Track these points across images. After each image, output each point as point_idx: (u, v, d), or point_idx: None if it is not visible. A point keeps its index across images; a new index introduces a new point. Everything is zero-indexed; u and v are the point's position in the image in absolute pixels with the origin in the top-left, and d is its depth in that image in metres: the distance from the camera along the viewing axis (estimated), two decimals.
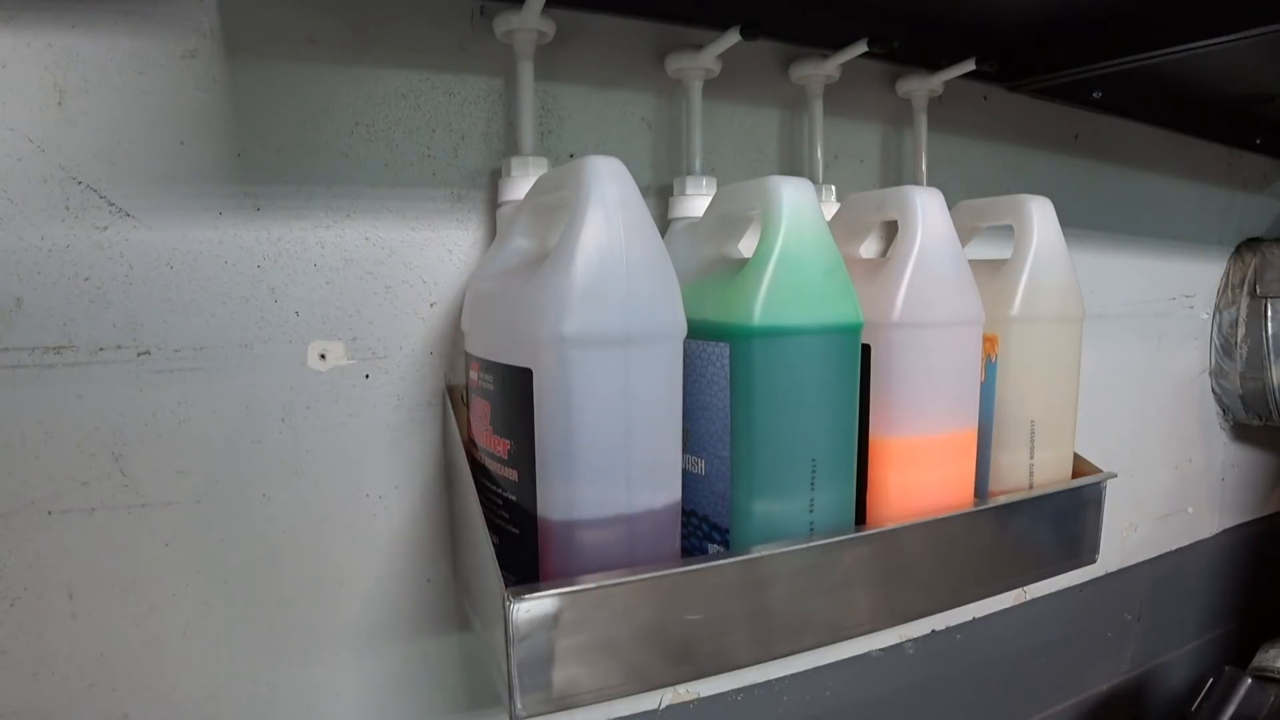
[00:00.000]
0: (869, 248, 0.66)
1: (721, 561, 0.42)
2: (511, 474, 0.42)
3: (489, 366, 0.43)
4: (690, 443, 0.47)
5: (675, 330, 0.41)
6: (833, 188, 0.63)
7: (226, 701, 0.50)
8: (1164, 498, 1.04)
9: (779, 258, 0.43)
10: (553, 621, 0.37)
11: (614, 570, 0.39)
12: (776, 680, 0.72)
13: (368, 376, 0.52)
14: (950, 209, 0.50)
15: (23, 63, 0.43)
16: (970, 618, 0.85)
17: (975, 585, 0.54)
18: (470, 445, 0.47)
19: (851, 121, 0.69)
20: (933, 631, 0.82)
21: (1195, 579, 1.12)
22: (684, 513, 0.45)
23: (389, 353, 0.52)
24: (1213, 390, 1.08)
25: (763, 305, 0.42)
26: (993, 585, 0.55)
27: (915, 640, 0.81)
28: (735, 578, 0.42)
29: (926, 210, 0.49)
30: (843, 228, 0.56)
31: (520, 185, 0.49)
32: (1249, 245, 1.07)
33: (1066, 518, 0.57)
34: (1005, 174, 0.80)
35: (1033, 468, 0.57)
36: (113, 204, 0.45)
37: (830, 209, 0.60)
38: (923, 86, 0.67)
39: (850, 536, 0.46)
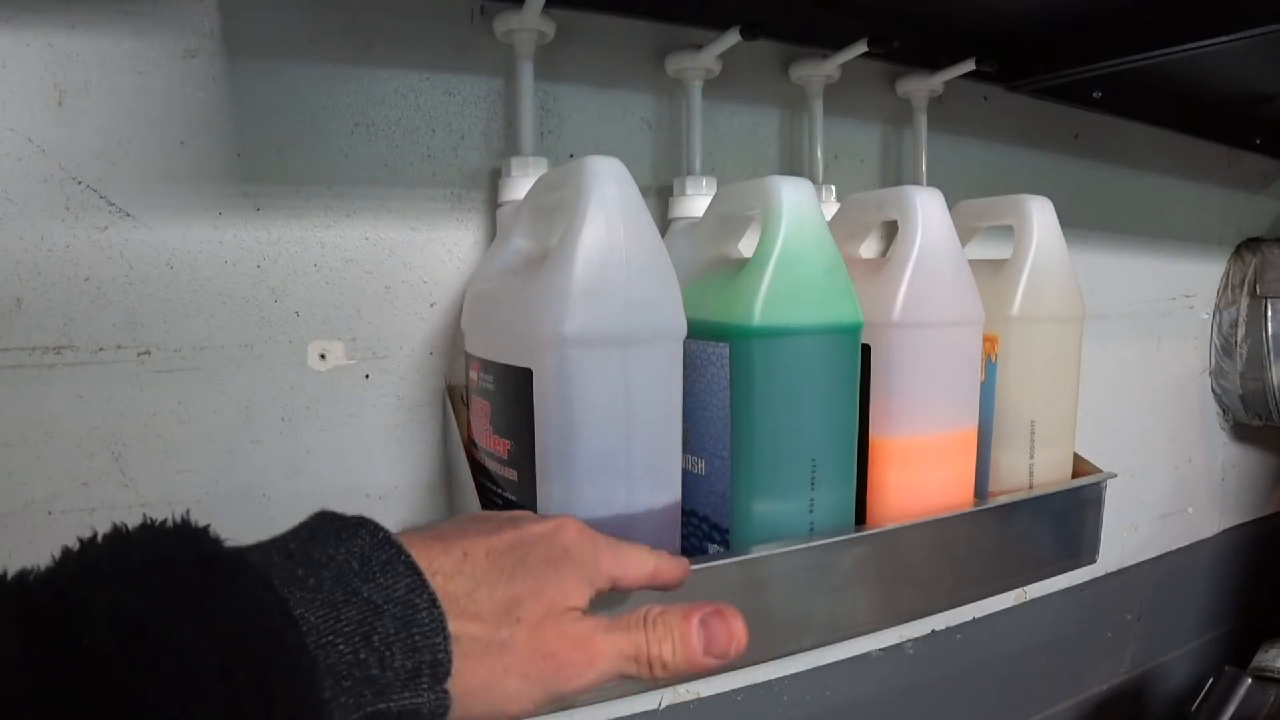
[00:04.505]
0: (869, 248, 0.66)
1: (721, 561, 0.42)
2: (511, 474, 0.42)
3: (489, 366, 0.43)
4: (690, 443, 0.47)
5: (675, 330, 0.41)
6: (833, 188, 0.63)
7: None
8: (1164, 498, 1.04)
9: (779, 258, 0.43)
10: None
11: None
12: (776, 680, 0.72)
13: (368, 376, 0.52)
14: (950, 209, 0.50)
15: (23, 63, 0.43)
16: (970, 618, 0.85)
17: (975, 585, 0.53)
18: (470, 445, 0.47)
19: (851, 121, 0.69)
20: (933, 631, 0.82)
21: (1195, 579, 1.12)
22: (684, 513, 0.45)
23: (389, 353, 0.52)
24: (1213, 390, 1.08)
25: (763, 305, 0.42)
26: (993, 585, 0.55)
27: (915, 640, 0.81)
28: (735, 578, 0.42)
29: (926, 210, 0.49)
30: (843, 228, 0.56)
31: (520, 185, 0.49)
32: (1249, 245, 1.07)
33: (1066, 518, 0.57)
34: (1005, 174, 0.80)
35: (1033, 468, 0.57)
36: (113, 204, 0.45)
37: (830, 209, 0.60)
38: (923, 86, 0.67)
39: (850, 536, 0.46)
